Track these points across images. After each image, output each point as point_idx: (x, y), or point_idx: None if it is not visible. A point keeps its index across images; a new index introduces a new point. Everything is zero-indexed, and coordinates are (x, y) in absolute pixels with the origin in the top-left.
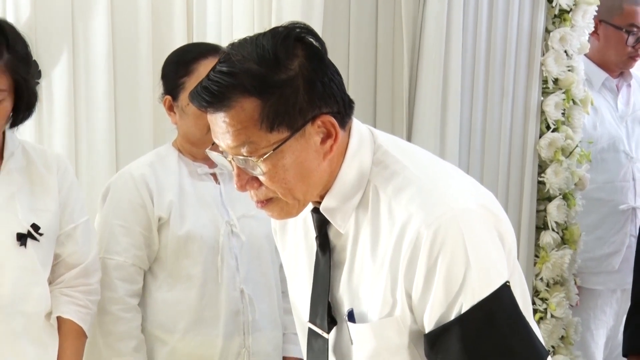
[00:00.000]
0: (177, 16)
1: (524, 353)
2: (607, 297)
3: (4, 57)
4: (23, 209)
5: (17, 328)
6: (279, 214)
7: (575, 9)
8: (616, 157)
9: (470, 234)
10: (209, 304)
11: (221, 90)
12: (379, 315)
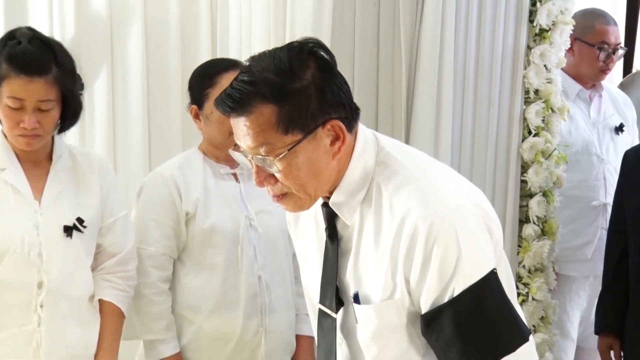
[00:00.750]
0: (202, 34)
1: (508, 331)
2: (581, 282)
3: (53, 71)
4: (69, 205)
5: (64, 310)
6: (292, 207)
7: (553, 28)
8: (589, 159)
9: (462, 228)
10: (231, 288)
11: (243, 97)
12: (381, 298)
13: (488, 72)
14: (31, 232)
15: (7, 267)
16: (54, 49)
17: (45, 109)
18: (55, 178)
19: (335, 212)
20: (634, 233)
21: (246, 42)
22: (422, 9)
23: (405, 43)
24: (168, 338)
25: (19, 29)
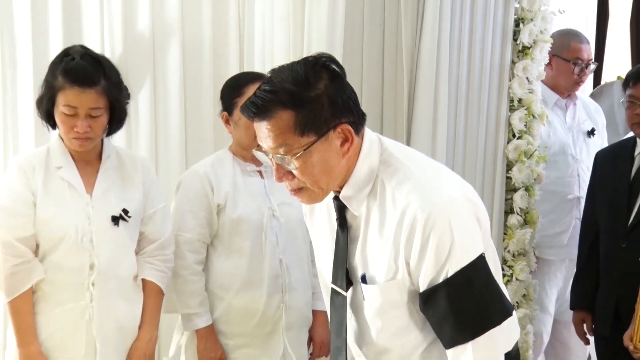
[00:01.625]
0: (231, 51)
1: (495, 308)
2: (558, 265)
3: (101, 83)
4: (116, 198)
5: (113, 288)
6: (307, 200)
7: (534, 46)
8: (565, 159)
9: (454, 218)
10: (255, 269)
11: (264, 104)
12: (385, 279)
13: (478, 84)
14: (84, 222)
15: (64, 252)
16: (103, 64)
17: (95, 115)
18: (104, 175)
19: (345, 205)
20: (604, 222)
21: (269, 57)
22: (421, 28)
23: (406, 58)
24: (202, 312)
25: (73, 47)
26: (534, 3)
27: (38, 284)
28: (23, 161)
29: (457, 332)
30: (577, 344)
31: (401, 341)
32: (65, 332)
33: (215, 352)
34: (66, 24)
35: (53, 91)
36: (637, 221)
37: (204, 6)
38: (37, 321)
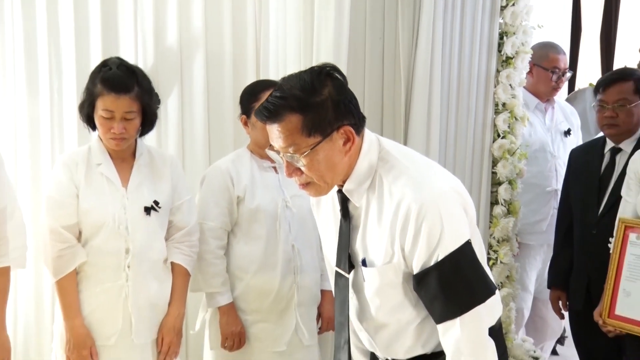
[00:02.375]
0: (249, 62)
1: (479, 287)
2: (537, 249)
3: (135, 90)
4: (148, 191)
5: (145, 269)
6: (314, 193)
7: (516, 56)
8: (544, 156)
9: (444, 209)
10: (271, 254)
11: (275, 109)
12: (382, 262)
13: (467, 90)
14: (120, 212)
15: (103, 238)
16: (136, 73)
17: (129, 118)
18: (137, 171)
19: (347, 197)
20: (577, 212)
21: (282, 67)
22: (417, 41)
23: (403, 67)
24: (224, 291)
25: (110, 59)
26: (516, 18)
27: (81, 265)
28: (68, 159)
29: (447, 309)
30: (553, 319)
31: (397, 317)
32: (105, 308)
33: (235, 327)
34: (105, 38)
35: (93, 97)
36: (606, 211)
37: (224, 22)
38: (80, 298)
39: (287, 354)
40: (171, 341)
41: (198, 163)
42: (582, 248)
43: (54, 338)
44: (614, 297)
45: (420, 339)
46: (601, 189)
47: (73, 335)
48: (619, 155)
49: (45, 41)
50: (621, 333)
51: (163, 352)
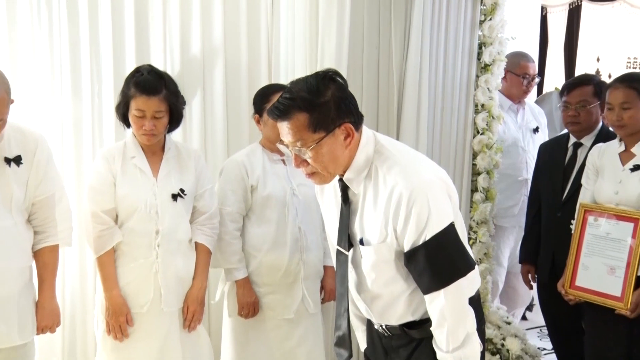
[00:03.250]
0: (262, 68)
1: (461, 263)
2: (510, 230)
3: (163, 92)
4: (175, 180)
5: (173, 248)
6: (318, 181)
7: (493, 64)
8: (516, 150)
9: (431, 195)
10: (280, 235)
11: (285, 108)
12: (377, 241)
13: (450, 92)
14: (151, 198)
15: (136, 221)
16: (164, 78)
17: (159, 117)
18: (166, 163)
19: (347, 185)
20: (544, 198)
21: (291, 72)
22: (407, 50)
23: (396, 73)
24: (240, 267)
25: (142, 66)
26: (493, 31)
27: (118, 244)
28: (106, 152)
29: (433, 281)
30: (523, 289)
31: (390, 289)
32: (138, 281)
33: (250, 297)
34: (138, 48)
35: (127, 99)
36: (569, 197)
37: (241, 34)
38: (117, 272)
39: (294, 321)
40: (195, 310)
41: (218, 156)
42: (549, 229)
43: (96, 306)
44: (574, 271)
45: (410, 308)
46: (565, 178)
47: (111, 304)
48: (580, 149)
49: (88, 52)
50: (580, 301)
51: (188, 319)
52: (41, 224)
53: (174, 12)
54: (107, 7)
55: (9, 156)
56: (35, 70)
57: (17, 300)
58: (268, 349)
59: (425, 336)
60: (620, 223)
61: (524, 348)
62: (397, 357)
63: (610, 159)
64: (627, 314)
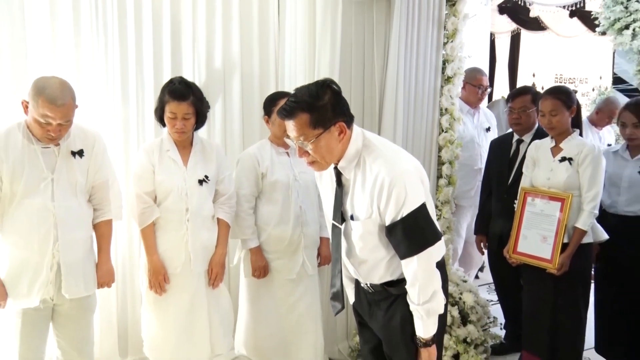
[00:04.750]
0: (271, 78)
1: (430, 235)
2: (467, 209)
3: (191, 98)
4: (201, 168)
5: (199, 223)
6: (317, 169)
7: (454, 76)
8: (472, 145)
9: (407, 181)
10: (285, 212)
11: (291, 109)
12: (364, 217)
13: (421, 99)
14: (182, 183)
15: (170, 201)
16: (192, 87)
17: (187, 118)
18: (194, 155)
19: (340, 172)
20: (494, 183)
21: (294, 81)
22: (387, 65)
23: (378, 82)
24: (253, 238)
25: (175, 77)
26: (454, 51)
27: (156, 219)
28: (147, 147)
29: (408, 249)
30: (477, 255)
31: (374, 255)
32: (172, 248)
33: (261, 262)
34: (173, 63)
35: (163, 104)
36: (513, 182)
37: (254, 52)
38: (157, 241)
39: (296, 281)
40: (217, 271)
41: (235, 149)
42: (497, 207)
43: (141, 267)
44: (516, 240)
45: (389, 270)
46: (510, 168)
47: (152, 266)
48: (522, 144)
49: (134, 67)
50: (520, 263)
51: (212, 279)
52: (98, 203)
53: (201, 34)
54: (149, 30)
55: (74, 150)
56: (93, 82)
57: (82, 263)
58: (275, 302)
59: (401, 292)
60: (551, 202)
61: (476, 300)
62: (378, 309)
63: (544, 153)
64: (554, 272)
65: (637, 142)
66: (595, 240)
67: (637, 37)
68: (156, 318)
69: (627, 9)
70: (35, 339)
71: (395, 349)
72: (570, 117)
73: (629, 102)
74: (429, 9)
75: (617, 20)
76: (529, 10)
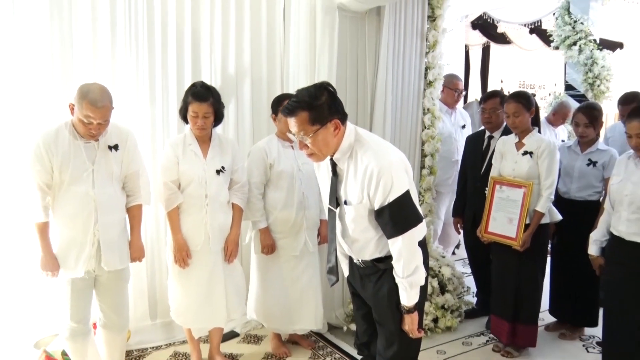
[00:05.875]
0: (277, 82)
1: (413, 217)
2: (446, 195)
3: (210, 100)
4: (218, 160)
5: (217, 207)
6: (315, 160)
7: (435, 81)
8: (450, 140)
9: (394, 171)
10: (289, 198)
11: (293, 108)
12: (356, 202)
13: (407, 100)
14: (202, 173)
15: (192, 188)
16: (211, 90)
17: (207, 116)
18: (212, 148)
19: (335, 163)
20: (469, 173)
21: (297, 84)
22: (377, 70)
23: (369, 85)
24: (262, 220)
25: (197, 82)
26: (434, 59)
27: (180, 204)
28: (172, 141)
29: (394, 230)
30: (454, 234)
31: (364, 235)
32: (194, 228)
33: (270, 241)
34: (193, 70)
35: (186, 104)
36: (485, 172)
37: (262, 60)
38: (180, 223)
39: (299, 257)
40: (232, 249)
41: (246, 143)
42: (471, 194)
43: (167, 245)
44: (487, 221)
45: (378, 248)
46: (482, 160)
47: (176, 244)
48: (492, 140)
49: (160, 73)
50: (490, 241)
51: (227, 255)
52: (130, 190)
53: (217, 45)
54: (173, 42)
55: (111, 144)
56: (126, 87)
57: (117, 240)
58: (281, 275)
59: (388, 267)
60: (515, 189)
61: (453, 272)
62: (368, 282)
63: (510, 147)
64: (518, 248)
65: (587, 139)
66: (551, 221)
67: (582, 52)
68: (180, 287)
69: (574, 29)
70: (82, 303)
71: (383, 315)
72: (531, 117)
73: (582, 105)
74: (413, 23)
75: (567, 38)
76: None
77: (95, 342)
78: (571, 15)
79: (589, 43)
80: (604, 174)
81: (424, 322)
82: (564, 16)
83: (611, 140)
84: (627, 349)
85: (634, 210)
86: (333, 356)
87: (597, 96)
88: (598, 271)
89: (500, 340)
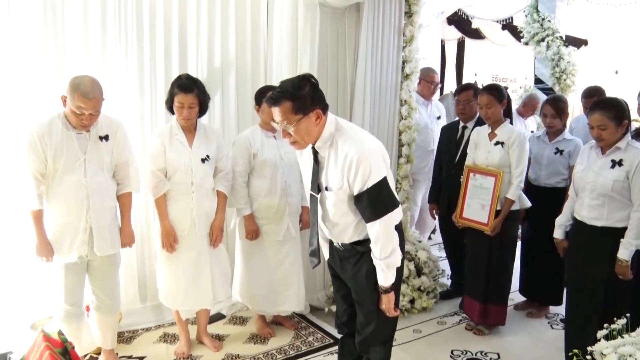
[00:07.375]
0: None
1: (390, 202)
2: (422, 182)
3: (195, 91)
4: (203, 149)
5: (202, 194)
6: (298, 148)
7: (412, 74)
8: (427, 131)
9: (372, 158)
10: (273, 186)
11: (277, 98)
12: (337, 188)
13: (385, 92)
14: (187, 161)
15: (178, 176)
16: (196, 81)
17: (192, 107)
18: (197, 138)
19: (317, 151)
20: (445, 161)
21: (280, 76)
22: (357, 63)
23: (349, 78)
24: (246, 206)
25: (182, 74)
26: (411, 54)
27: (167, 191)
28: (159, 131)
29: (372, 214)
30: (430, 220)
31: (344, 219)
32: (180, 215)
33: (254, 227)
34: (180, 63)
35: (172, 95)
36: (459, 161)
37: (247, 52)
38: (167, 209)
39: (282, 242)
40: (217, 234)
41: (231, 133)
42: (447, 181)
43: (155, 230)
44: (462, 207)
45: (357, 231)
46: (457, 149)
47: (164, 229)
48: (466, 130)
49: (148, 66)
50: (464, 225)
51: (213, 240)
52: (121, 178)
53: (203, 39)
54: (161, 36)
55: (101, 135)
56: (116, 79)
57: (109, 227)
58: (265, 259)
59: (366, 250)
60: (488, 177)
61: (428, 256)
62: (348, 264)
63: (483, 137)
64: (489, 233)
65: (555, 130)
66: (521, 207)
67: (550, 48)
68: (168, 271)
69: (542, 26)
70: (75, 286)
71: (361, 295)
72: (502, 109)
73: (549, 98)
74: (391, 19)
75: (535, 34)
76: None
77: (89, 323)
78: (539, 13)
79: (556, 40)
80: (570, 161)
81: (401, 303)
82: (533, 14)
83: (575, 131)
84: (587, 325)
85: (595, 197)
86: (315, 336)
87: (563, 89)
88: (562, 253)
89: (472, 319)
